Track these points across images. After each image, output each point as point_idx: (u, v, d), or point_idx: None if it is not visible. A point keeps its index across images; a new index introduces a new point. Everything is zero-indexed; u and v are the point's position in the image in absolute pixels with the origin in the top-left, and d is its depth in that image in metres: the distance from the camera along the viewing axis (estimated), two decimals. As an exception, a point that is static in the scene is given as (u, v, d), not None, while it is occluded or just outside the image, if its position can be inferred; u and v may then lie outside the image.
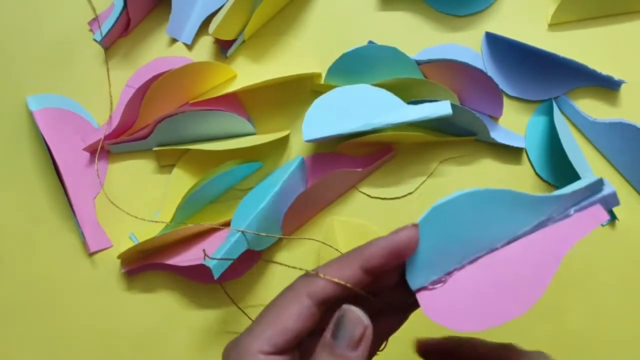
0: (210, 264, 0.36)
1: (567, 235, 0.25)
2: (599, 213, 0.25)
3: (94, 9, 0.44)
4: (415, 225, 0.25)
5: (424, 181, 0.42)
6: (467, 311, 0.25)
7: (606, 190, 0.25)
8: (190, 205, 0.41)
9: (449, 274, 0.25)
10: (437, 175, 0.43)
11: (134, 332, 0.43)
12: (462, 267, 0.25)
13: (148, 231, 0.42)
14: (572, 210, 0.25)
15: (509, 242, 0.25)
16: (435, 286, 0.25)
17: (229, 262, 0.37)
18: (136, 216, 0.42)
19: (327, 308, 0.25)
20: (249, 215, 0.38)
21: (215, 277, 0.36)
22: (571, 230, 0.25)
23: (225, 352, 0.25)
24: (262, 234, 0.38)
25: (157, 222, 0.41)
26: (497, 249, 0.25)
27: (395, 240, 0.25)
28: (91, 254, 0.43)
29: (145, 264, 0.42)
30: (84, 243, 0.43)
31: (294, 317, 0.24)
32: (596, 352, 0.41)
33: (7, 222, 0.44)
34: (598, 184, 0.25)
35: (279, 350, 0.24)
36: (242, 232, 0.37)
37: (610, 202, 0.26)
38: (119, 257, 0.42)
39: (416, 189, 0.42)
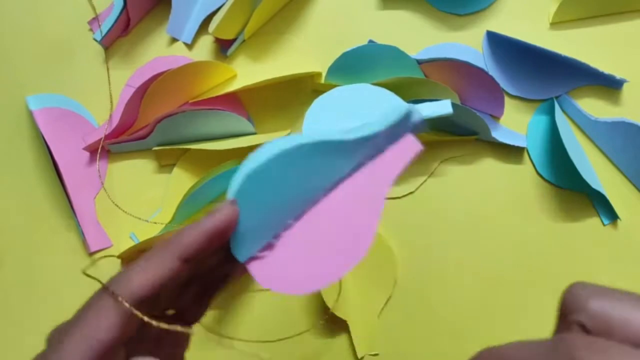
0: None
1: (384, 172, 0.24)
2: (412, 143, 0.25)
3: (94, 9, 0.44)
4: (232, 202, 0.24)
5: (425, 180, 0.42)
6: (302, 272, 0.24)
7: (415, 118, 0.25)
8: (190, 204, 0.41)
9: (277, 236, 0.24)
10: (438, 175, 0.42)
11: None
12: (288, 226, 0.24)
13: (148, 230, 0.42)
14: (386, 144, 0.25)
15: (329, 191, 0.24)
16: (264, 253, 0.24)
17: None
18: (133, 215, 0.42)
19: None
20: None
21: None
22: (388, 166, 0.24)
23: (49, 342, 0.24)
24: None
25: (155, 223, 0.41)
26: (319, 200, 0.24)
27: (213, 222, 0.23)
28: (91, 254, 0.43)
29: (145, 264, 0.42)
30: (84, 242, 0.43)
31: (104, 329, 0.22)
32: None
33: (8, 222, 0.44)
34: (407, 115, 0.25)
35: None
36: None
37: (420, 128, 0.25)
38: (119, 256, 0.42)
39: (417, 188, 0.42)
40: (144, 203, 0.43)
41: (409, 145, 0.25)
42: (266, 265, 0.24)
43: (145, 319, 0.22)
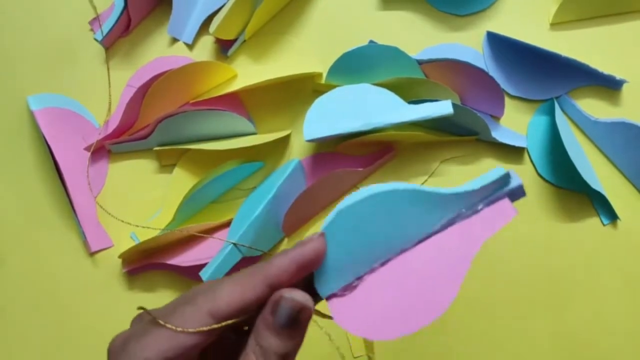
0: (204, 276, 0.37)
1: (476, 233, 0.24)
2: (507, 208, 0.24)
3: (94, 9, 0.44)
4: (321, 235, 0.24)
5: (425, 181, 0.42)
6: (380, 318, 0.24)
7: (513, 183, 0.25)
8: (191, 205, 0.41)
9: (360, 278, 0.24)
10: (438, 175, 0.42)
11: (134, 332, 0.43)
12: (373, 270, 0.24)
13: (149, 231, 0.42)
14: (480, 205, 0.25)
15: (419, 242, 0.25)
16: (346, 292, 0.24)
17: (224, 273, 0.37)
18: (123, 221, 0.41)
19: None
20: (245, 224, 0.38)
21: None
22: (480, 227, 0.24)
23: (112, 351, 0.24)
24: (252, 247, 0.38)
25: (148, 227, 0.41)
26: (407, 249, 0.25)
27: (303, 252, 0.23)
28: (92, 254, 0.43)
29: (146, 264, 0.42)
30: (85, 243, 0.43)
31: (191, 334, 0.23)
32: (597, 351, 0.41)
33: (9, 222, 0.44)
34: (505, 178, 0.25)
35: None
36: (234, 244, 0.37)
37: (517, 194, 0.25)
38: (120, 256, 0.42)
39: (417, 188, 0.42)
40: (144, 203, 0.43)
41: (504, 210, 0.25)
42: (345, 305, 0.24)
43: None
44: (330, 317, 0.25)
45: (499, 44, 0.42)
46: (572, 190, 0.42)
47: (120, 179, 0.44)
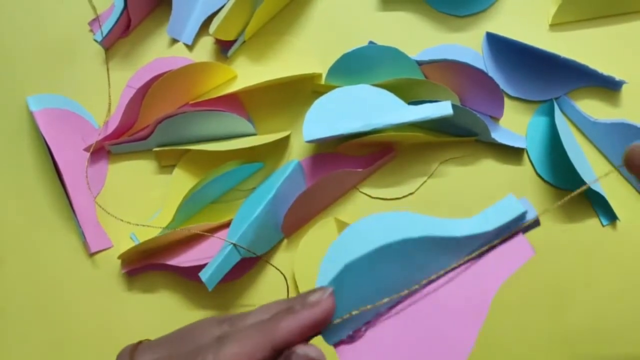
0: (203, 277, 0.37)
1: (491, 275, 0.23)
2: (524, 247, 0.23)
3: (94, 9, 0.44)
4: (331, 294, 0.23)
5: (425, 181, 0.42)
6: None
7: (530, 218, 0.24)
8: (190, 205, 0.41)
9: (368, 323, 0.24)
10: (438, 176, 0.42)
11: (134, 332, 0.43)
12: (382, 314, 0.24)
13: (149, 231, 0.42)
14: (496, 241, 0.24)
15: (430, 283, 0.23)
16: (354, 339, 0.24)
17: (223, 274, 0.37)
18: (123, 220, 0.41)
19: None
20: (244, 225, 0.38)
21: (209, 289, 0.37)
22: (496, 269, 0.23)
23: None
24: (251, 250, 0.38)
25: (148, 226, 0.41)
26: (418, 291, 0.23)
27: (312, 318, 0.23)
28: (92, 254, 0.43)
29: (145, 265, 0.42)
30: (85, 243, 0.43)
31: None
32: (597, 352, 0.41)
33: (8, 223, 0.44)
34: (522, 216, 0.23)
35: None
36: (234, 244, 0.37)
37: (533, 225, 0.24)
38: (119, 257, 0.42)
39: (417, 189, 0.42)
40: (144, 204, 0.43)
41: (520, 248, 0.23)
42: (354, 352, 0.23)
43: None
44: None
45: (499, 45, 0.42)
46: (572, 191, 0.42)
47: (120, 179, 0.44)
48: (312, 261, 0.42)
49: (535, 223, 0.24)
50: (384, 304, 0.23)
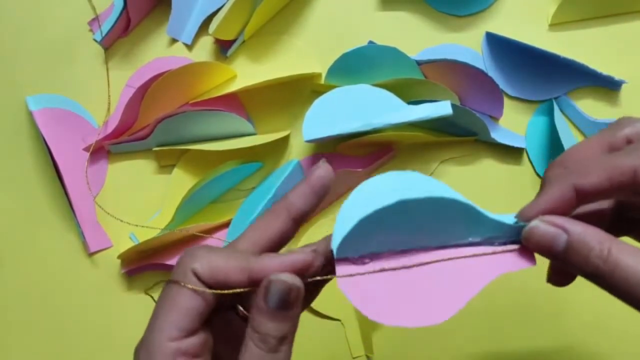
0: None
1: (495, 265, 0.25)
2: (529, 256, 0.25)
3: (94, 9, 0.44)
4: (313, 252, 0.25)
5: (424, 181, 0.42)
6: (378, 299, 0.24)
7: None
8: (190, 205, 0.41)
9: (376, 255, 0.25)
10: (438, 175, 0.42)
11: (134, 332, 0.43)
12: (390, 253, 0.25)
13: (148, 231, 0.42)
14: (510, 239, 0.25)
15: (442, 247, 0.25)
16: (357, 262, 0.25)
17: None
18: (122, 220, 0.41)
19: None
20: (244, 224, 0.38)
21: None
22: (501, 262, 0.25)
23: (135, 351, 0.24)
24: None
25: (148, 227, 0.41)
26: (429, 249, 0.25)
27: (291, 260, 0.24)
28: (91, 254, 0.43)
29: (145, 264, 0.42)
30: (84, 243, 0.43)
31: (191, 297, 0.24)
32: (597, 351, 0.41)
33: (8, 222, 0.44)
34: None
35: (187, 332, 0.24)
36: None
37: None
38: (119, 257, 0.42)
39: (416, 189, 0.42)
40: (144, 204, 0.43)
41: (526, 256, 0.25)
42: (352, 274, 0.25)
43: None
44: (330, 318, 0.25)
45: (498, 45, 0.42)
46: (571, 191, 0.42)
47: (120, 179, 0.44)
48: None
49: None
50: (398, 245, 0.25)
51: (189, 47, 0.44)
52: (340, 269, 0.25)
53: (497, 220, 0.25)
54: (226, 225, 0.41)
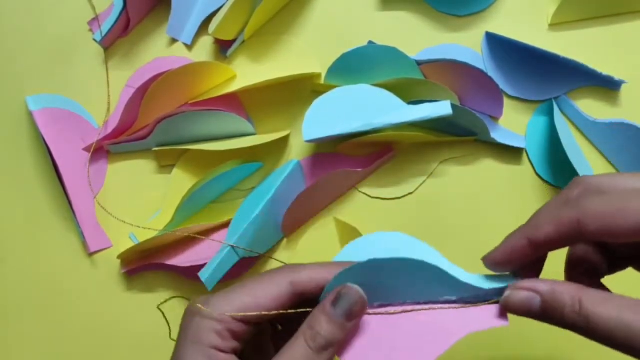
0: (203, 277, 0.37)
1: (467, 323, 0.26)
2: (502, 316, 0.26)
3: (94, 9, 0.44)
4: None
5: (424, 181, 0.42)
6: (358, 353, 0.26)
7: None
8: (190, 205, 0.41)
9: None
10: (438, 176, 0.42)
11: (134, 332, 0.43)
12: (372, 308, 0.27)
13: (148, 231, 0.42)
14: (482, 297, 0.27)
15: (417, 305, 0.27)
16: None
17: (222, 274, 0.37)
18: (124, 221, 0.41)
19: (299, 301, 0.27)
20: (244, 224, 0.38)
21: (209, 289, 0.37)
22: (473, 320, 0.26)
23: (191, 306, 0.26)
24: (249, 249, 0.38)
25: (147, 228, 0.41)
26: (405, 304, 0.27)
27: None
28: (91, 254, 0.43)
29: (145, 264, 0.42)
30: (84, 243, 0.43)
31: (271, 296, 0.26)
32: (597, 351, 0.41)
33: (8, 222, 0.44)
34: (505, 289, 0.26)
35: (246, 319, 0.25)
36: (232, 246, 0.37)
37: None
38: (119, 257, 0.42)
39: (416, 189, 0.42)
40: (143, 204, 0.43)
41: (499, 316, 0.26)
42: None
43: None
44: None
45: (498, 45, 0.42)
46: (571, 191, 0.42)
47: (120, 179, 0.44)
48: (311, 261, 0.42)
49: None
50: (376, 301, 0.27)
51: (189, 47, 0.44)
52: None
53: (469, 284, 0.26)
54: (226, 225, 0.41)
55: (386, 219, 0.42)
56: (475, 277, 0.27)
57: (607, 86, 0.42)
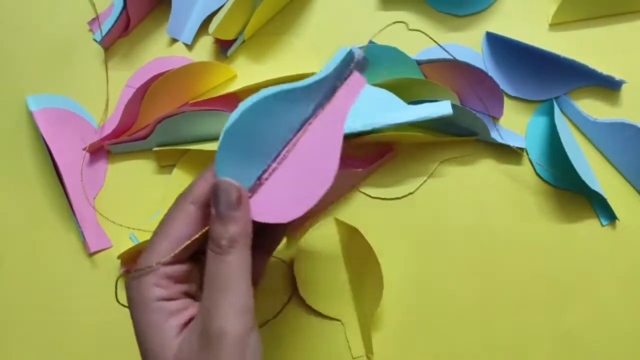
0: None
1: (341, 107, 0.29)
2: (359, 79, 0.30)
3: (94, 8, 0.44)
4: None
5: (425, 181, 0.42)
6: (285, 202, 0.28)
7: (357, 57, 0.30)
8: (190, 205, 0.41)
9: (260, 178, 0.28)
10: (438, 176, 0.42)
11: (132, 332, 0.43)
12: (269, 167, 0.28)
13: (148, 231, 0.42)
14: (338, 83, 0.30)
15: (299, 131, 0.29)
16: (252, 192, 0.28)
17: None
18: (122, 225, 0.42)
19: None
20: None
21: None
22: (343, 102, 0.30)
23: (128, 280, 0.27)
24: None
25: (146, 231, 0.41)
26: (291, 140, 0.29)
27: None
28: (91, 254, 0.43)
29: (145, 264, 0.42)
30: (84, 243, 0.43)
31: (183, 225, 0.27)
32: (596, 351, 0.41)
33: (8, 222, 0.44)
34: (350, 55, 0.30)
35: (178, 259, 0.26)
36: None
37: (363, 65, 0.31)
38: (119, 257, 0.42)
39: (417, 189, 0.42)
40: (144, 204, 0.43)
41: (356, 82, 0.30)
42: (256, 204, 0.28)
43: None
44: (330, 318, 0.27)
45: (498, 45, 0.42)
46: (571, 191, 0.42)
47: (120, 179, 0.44)
48: (312, 261, 0.42)
49: (364, 61, 0.31)
50: (269, 158, 0.29)
51: (189, 47, 0.44)
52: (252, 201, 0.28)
53: (314, 81, 0.29)
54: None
55: (386, 219, 0.42)
56: (318, 73, 0.29)
57: (608, 86, 0.42)
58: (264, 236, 0.31)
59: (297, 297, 0.42)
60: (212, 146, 0.40)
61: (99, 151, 0.43)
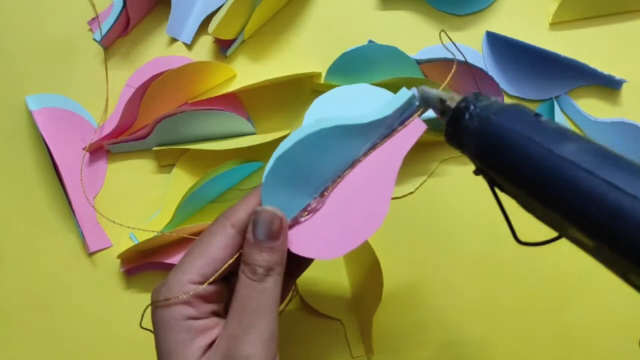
0: None
1: (397, 149, 0.28)
2: (418, 124, 0.29)
3: (94, 8, 0.44)
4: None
5: (425, 181, 0.42)
6: (328, 239, 0.27)
7: (418, 100, 0.29)
8: (190, 205, 0.41)
9: (305, 209, 0.28)
10: (438, 175, 0.42)
11: (133, 332, 0.43)
12: (315, 200, 0.28)
13: (148, 231, 0.42)
14: (396, 124, 0.29)
15: (350, 168, 0.28)
16: (294, 224, 0.28)
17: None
18: (121, 224, 0.42)
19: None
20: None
21: None
22: (399, 144, 0.28)
23: (155, 290, 0.27)
24: None
25: (146, 230, 0.41)
26: (340, 176, 0.28)
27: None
28: (91, 254, 0.43)
29: (144, 264, 0.42)
30: (84, 243, 0.43)
31: (220, 246, 0.26)
32: (596, 350, 0.41)
33: (7, 222, 0.44)
34: (412, 99, 0.28)
35: (207, 279, 0.26)
36: None
37: (423, 110, 0.29)
38: (118, 256, 0.42)
39: (417, 188, 0.42)
40: (143, 203, 0.43)
41: (416, 126, 0.29)
42: (296, 235, 0.27)
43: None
44: (330, 317, 0.26)
45: (498, 44, 0.42)
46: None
47: (119, 179, 0.44)
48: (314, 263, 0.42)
49: (422, 103, 0.29)
50: (316, 191, 0.28)
51: (189, 46, 0.44)
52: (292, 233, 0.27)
53: (373, 120, 0.28)
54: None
55: (386, 219, 0.42)
56: (377, 110, 0.28)
57: (608, 85, 0.42)
58: (294, 261, 0.30)
59: (297, 297, 0.42)
60: (212, 146, 0.40)
61: (99, 151, 0.43)
